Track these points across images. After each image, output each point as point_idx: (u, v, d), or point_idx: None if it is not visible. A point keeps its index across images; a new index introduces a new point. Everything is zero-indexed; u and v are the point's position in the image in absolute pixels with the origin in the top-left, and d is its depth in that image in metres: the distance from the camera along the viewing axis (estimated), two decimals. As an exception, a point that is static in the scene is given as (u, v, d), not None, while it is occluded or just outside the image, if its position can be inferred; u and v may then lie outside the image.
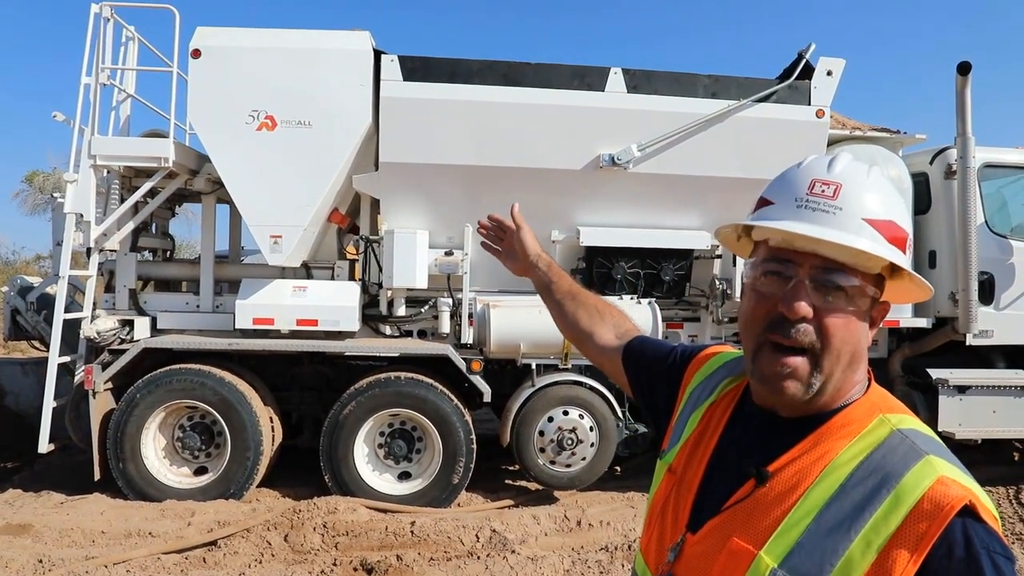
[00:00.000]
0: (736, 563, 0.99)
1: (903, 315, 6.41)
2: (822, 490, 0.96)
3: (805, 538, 0.94)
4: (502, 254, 1.76)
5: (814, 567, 0.92)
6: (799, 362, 1.00)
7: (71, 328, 5.84)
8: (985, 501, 0.93)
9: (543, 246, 1.72)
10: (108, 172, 5.97)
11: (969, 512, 0.90)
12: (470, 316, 6.08)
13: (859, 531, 0.91)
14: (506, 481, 6.55)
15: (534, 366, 6.00)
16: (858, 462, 0.97)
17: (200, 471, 5.89)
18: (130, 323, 5.92)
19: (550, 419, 5.93)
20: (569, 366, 6.03)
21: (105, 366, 5.67)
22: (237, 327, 5.80)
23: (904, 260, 1.03)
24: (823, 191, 1.02)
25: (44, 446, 5.60)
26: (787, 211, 1.03)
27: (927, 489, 0.91)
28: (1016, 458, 7.25)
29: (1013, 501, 6.05)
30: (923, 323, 6.47)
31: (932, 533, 0.88)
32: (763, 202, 1.10)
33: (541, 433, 5.91)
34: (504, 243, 1.75)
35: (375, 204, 6.29)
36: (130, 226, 6.10)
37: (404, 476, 5.95)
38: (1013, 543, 5.19)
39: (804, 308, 0.99)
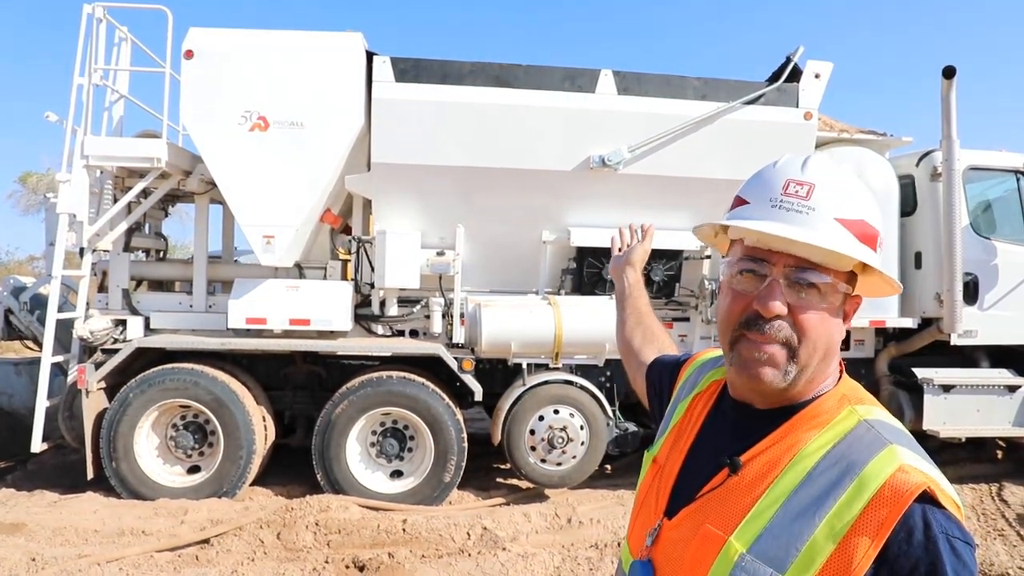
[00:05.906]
0: (708, 548, 1.02)
1: (889, 315, 6.49)
2: (790, 479, 1.00)
3: (772, 524, 0.98)
4: (614, 253, 1.91)
5: (780, 551, 0.95)
6: (776, 349, 1.04)
7: (64, 328, 5.86)
8: (947, 488, 0.96)
9: (534, 246, 1.81)
10: (101, 172, 6.00)
11: (928, 498, 0.93)
12: (461, 316, 6.13)
13: (823, 517, 0.94)
14: (497, 479, 6.59)
15: (525, 365, 6.04)
16: (824, 451, 1.00)
17: (193, 470, 5.91)
18: (123, 323, 5.95)
19: (541, 418, 5.98)
20: (560, 365, 6.08)
21: (98, 365, 5.70)
22: (230, 327, 5.83)
23: (874, 258, 1.06)
24: (796, 191, 1.04)
25: (37, 445, 5.62)
26: (762, 211, 1.06)
27: (888, 477, 0.94)
28: (999, 456, 7.35)
29: (996, 498, 6.12)
30: (909, 323, 6.54)
31: (891, 519, 0.92)
32: (739, 201, 1.12)
33: (532, 432, 5.96)
34: (623, 248, 1.89)
35: (367, 204, 6.33)
36: (123, 226, 6.12)
37: (396, 474, 5.99)
38: (995, 539, 5.27)
39: (778, 307, 1.03)
